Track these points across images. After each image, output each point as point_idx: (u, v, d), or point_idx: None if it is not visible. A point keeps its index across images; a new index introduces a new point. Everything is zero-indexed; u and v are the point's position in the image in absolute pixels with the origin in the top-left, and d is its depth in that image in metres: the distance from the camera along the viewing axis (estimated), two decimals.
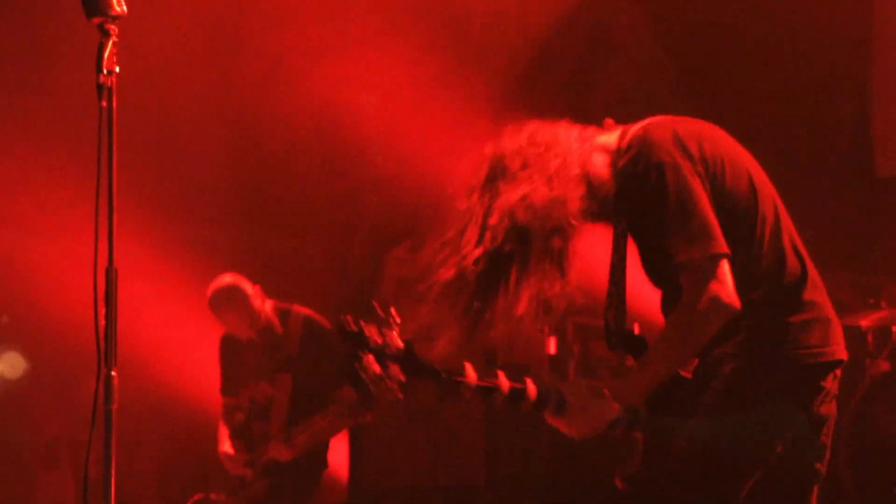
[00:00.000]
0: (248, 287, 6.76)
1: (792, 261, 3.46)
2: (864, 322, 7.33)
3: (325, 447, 7.04)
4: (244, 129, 8.00)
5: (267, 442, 6.83)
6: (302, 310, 6.96)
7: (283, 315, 6.92)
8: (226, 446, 6.88)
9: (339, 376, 6.78)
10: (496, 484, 7.72)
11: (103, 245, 3.68)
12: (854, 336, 6.65)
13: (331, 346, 6.86)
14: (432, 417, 7.88)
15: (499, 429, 7.72)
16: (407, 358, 3.26)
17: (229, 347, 6.97)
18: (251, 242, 7.65)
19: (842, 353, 3.49)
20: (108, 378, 3.60)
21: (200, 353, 7.36)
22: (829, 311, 3.51)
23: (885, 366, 7.21)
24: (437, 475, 7.90)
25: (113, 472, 3.54)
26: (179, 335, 7.71)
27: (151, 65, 7.47)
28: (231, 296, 6.72)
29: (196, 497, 6.96)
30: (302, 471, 6.89)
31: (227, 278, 6.78)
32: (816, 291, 3.48)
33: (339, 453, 7.98)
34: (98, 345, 3.62)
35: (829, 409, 3.47)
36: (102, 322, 3.62)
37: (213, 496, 6.93)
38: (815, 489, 3.53)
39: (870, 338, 7.32)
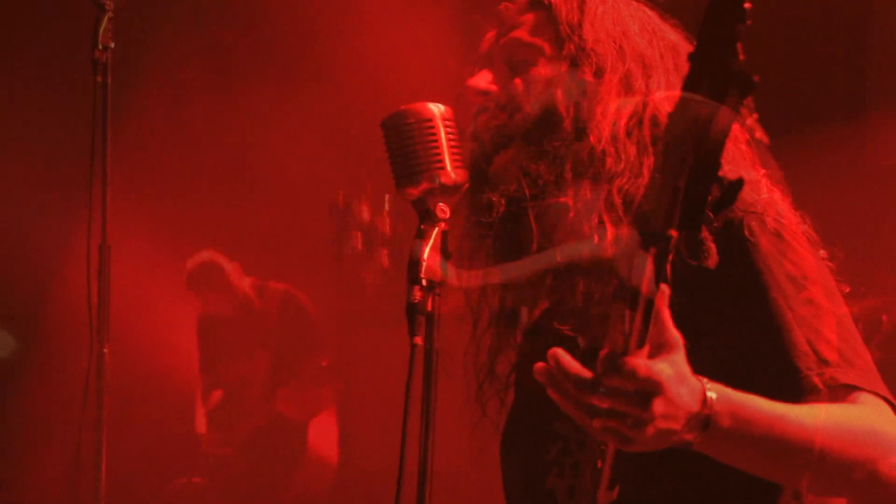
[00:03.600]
0: (226, 264, 6.84)
1: None
2: (855, 310, 7.33)
3: (305, 426, 7.07)
4: (241, 106, 7.98)
5: (245, 418, 6.88)
6: (279, 285, 6.97)
7: (260, 290, 6.95)
8: (202, 427, 6.95)
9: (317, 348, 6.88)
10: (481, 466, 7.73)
11: (97, 221, 3.67)
12: None
13: (309, 320, 6.91)
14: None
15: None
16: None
17: (206, 326, 7.01)
18: (244, 220, 7.63)
19: None
20: (101, 355, 3.59)
21: (192, 331, 7.37)
22: None
23: (874, 354, 7.23)
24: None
25: (104, 448, 3.54)
26: (171, 313, 7.70)
27: (148, 40, 7.44)
28: (209, 273, 6.80)
29: (178, 482, 7.00)
30: (282, 449, 6.92)
31: (204, 255, 6.86)
32: None
33: (327, 434, 7.98)
34: (91, 321, 3.61)
35: None
36: (95, 299, 3.61)
37: (195, 480, 6.96)
38: None
39: (860, 326, 7.33)
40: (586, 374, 1.80)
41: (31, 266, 7.67)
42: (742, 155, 2.28)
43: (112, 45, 3.73)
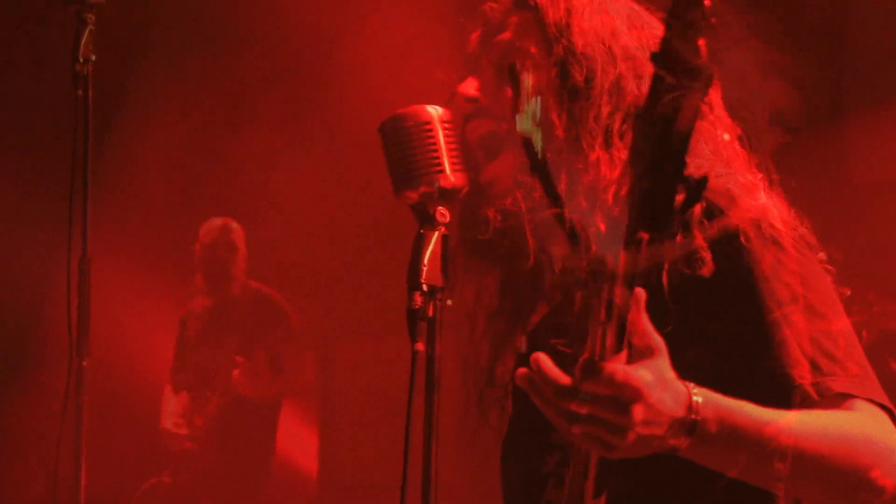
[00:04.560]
0: (236, 226, 7.14)
1: None
2: None
3: (273, 431, 7.10)
4: (224, 118, 7.97)
5: (210, 405, 6.93)
6: (254, 283, 7.15)
7: (243, 287, 7.14)
8: (167, 422, 7.02)
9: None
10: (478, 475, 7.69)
11: (77, 235, 3.66)
12: None
13: (278, 319, 7.03)
14: (401, 412, 7.85)
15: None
16: None
17: (188, 322, 7.14)
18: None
19: None
20: (80, 368, 3.58)
21: (170, 344, 7.36)
22: None
23: None
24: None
25: (83, 463, 3.52)
26: (151, 326, 7.69)
27: (130, 53, 7.43)
28: (223, 232, 7.08)
29: (150, 482, 7.05)
30: (249, 446, 6.96)
31: (218, 220, 7.14)
32: None
33: (308, 449, 7.96)
34: (70, 335, 3.59)
35: None
36: (75, 312, 3.60)
37: (165, 479, 7.03)
38: None
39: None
40: (566, 379, 1.77)
41: (10, 279, 7.65)
42: (738, 158, 2.23)
43: (93, 58, 3.71)
